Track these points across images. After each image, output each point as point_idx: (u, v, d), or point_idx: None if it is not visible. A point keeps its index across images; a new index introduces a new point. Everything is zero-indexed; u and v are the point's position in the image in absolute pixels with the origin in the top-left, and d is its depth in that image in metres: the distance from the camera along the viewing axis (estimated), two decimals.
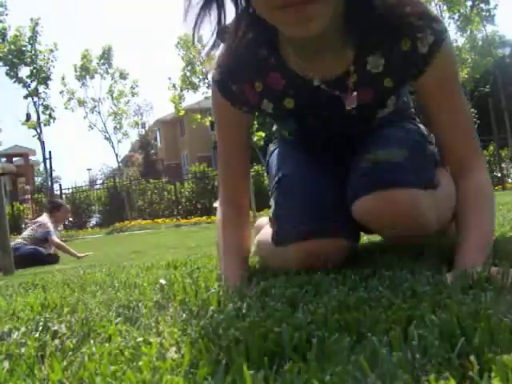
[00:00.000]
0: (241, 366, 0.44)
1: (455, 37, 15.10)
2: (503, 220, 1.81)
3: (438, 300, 0.63)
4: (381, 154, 0.97)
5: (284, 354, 0.49)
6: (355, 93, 0.99)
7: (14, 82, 12.26)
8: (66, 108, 15.73)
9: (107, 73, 16.86)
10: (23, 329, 0.80)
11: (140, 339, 0.62)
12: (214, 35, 0.90)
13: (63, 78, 15.46)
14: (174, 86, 13.44)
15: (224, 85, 1.05)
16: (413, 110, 1.23)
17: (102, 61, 16.70)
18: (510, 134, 15.34)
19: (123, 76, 17.21)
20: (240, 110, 1.07)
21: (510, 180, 14.26)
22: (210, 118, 12.66)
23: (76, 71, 16.10)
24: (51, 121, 13.16)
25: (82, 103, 16.09)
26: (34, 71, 12.36)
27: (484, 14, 15.16)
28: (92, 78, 16.38)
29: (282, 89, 1.02)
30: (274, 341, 0.53)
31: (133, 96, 17.75)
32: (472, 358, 0.41)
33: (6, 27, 12.17)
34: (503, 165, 14.46)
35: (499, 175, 13.73)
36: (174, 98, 13.33)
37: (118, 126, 17.02)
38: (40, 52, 12.55)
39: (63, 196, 16.72)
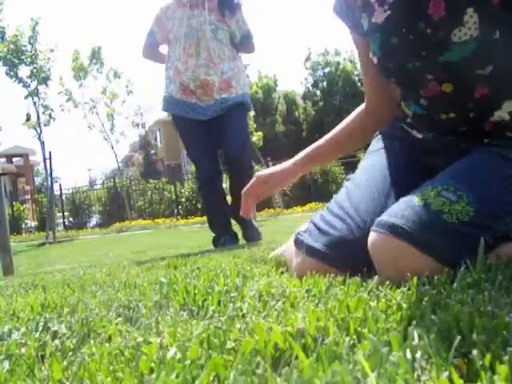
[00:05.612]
0: (241, 366, 0.44)
1: None
2: None
3: (438, 300, 0.63)
4: (436, 200, 0.84)
5: (285, 354, 0.49)
6: None
7: (14, 81, 12.25)
8: (62, 110, 15.63)
9: (100, 72, 16.66)
10: (23, 329, 0.80)
11: (140, 339, 0.62)
12: None
13: (61, 79, 15.40)
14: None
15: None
16: None
17: (93, 60, 16.51)
18: None
19: (117, 75, 17.01)
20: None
21: None
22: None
23: (73, 70, 15.98)
24: (51, 121, 13.15)
25: (77, 104, 15.96)
26: (34, 71, 12.33)
27: None
28: (85, 77, 16.18)
29: None
30: (275, 341, 0.53)
31: (128, 95, 17.57)
32: (471, 357, 0.41)
33: (4, 26, 12.14)
34: None
35: None
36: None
37: (111, 128, 16.86)
38: (40, 52, 12.51)
39: (63, 196, 16.74)
